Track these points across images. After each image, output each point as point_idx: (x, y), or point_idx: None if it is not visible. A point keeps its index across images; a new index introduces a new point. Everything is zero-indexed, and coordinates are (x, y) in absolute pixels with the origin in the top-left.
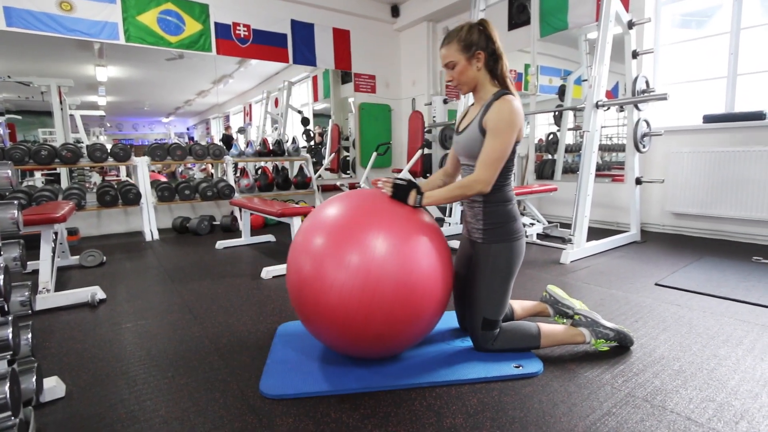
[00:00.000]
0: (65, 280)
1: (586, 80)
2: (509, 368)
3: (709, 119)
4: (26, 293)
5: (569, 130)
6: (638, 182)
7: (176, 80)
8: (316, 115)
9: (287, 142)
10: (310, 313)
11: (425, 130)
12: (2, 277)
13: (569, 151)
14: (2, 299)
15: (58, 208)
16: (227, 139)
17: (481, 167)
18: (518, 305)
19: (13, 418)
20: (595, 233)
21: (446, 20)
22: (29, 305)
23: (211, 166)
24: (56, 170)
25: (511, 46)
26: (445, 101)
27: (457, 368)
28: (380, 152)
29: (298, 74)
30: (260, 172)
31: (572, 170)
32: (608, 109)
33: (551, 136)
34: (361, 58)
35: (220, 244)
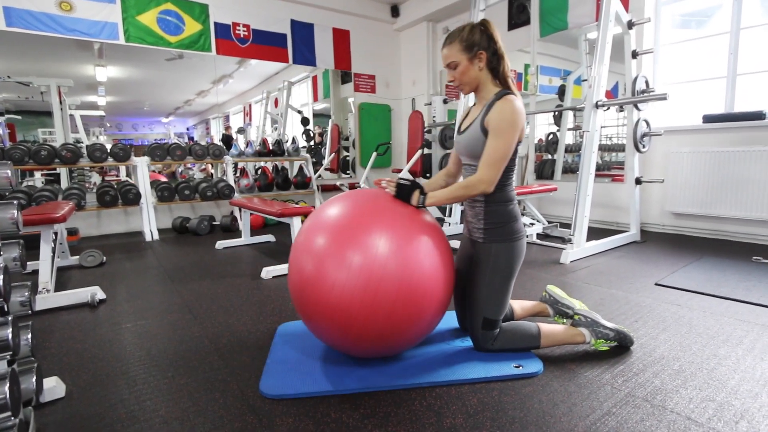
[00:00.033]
0: (65, 280)
1: (585, 80)
2: (509, 368)
3: (708, 119)
4: (26, 293)
5: (569, 130)
6: (638, 182)
7: (176, 80)
8: (315, 115)
9: (287, 142)
10: (312, 312)
11: (425, 130)
12: (2, 277)
13: (569, 151)
14: (2, 299)
15: (57, 208)
16: (227, 139)
17: (484, 167)
18: (518, 305)
19: (13, 418)
20: (595, 233)
21: (446, 20)
22: (29, 305)
23: (210, 166)
24: (56, 170)
25: (510, 46)
26: (444, 101)
27: (457, 368)
28: (380, 152)
29: (297, 74)
30: (260, 172)
31: (572, 170)
32: (608, 109)
33: (551, 136)
34: (360, 58)
35: (219, 244)
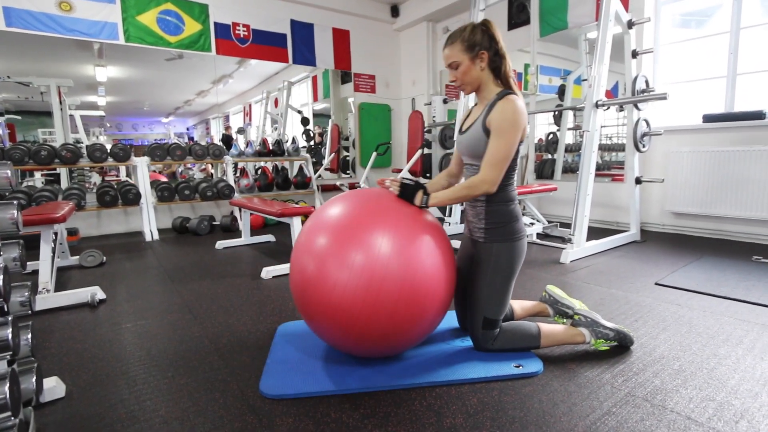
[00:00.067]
0: (65, 280)
1: (585, 80)
2: (509, 368)
3: (708, 119)
4: (26, 293)
5: (569, 129)
6: (638, 182)
7: (176, 80)
8: (315, 115)
9: (287, 142)
10: (313, 312)
11: (425, 129)
12: (2, 277)
13: (569, 150)
14: (2, 299)
15: (57, 208)
16: (227, 139)
17: (486, 167)
18: (518, 305)
19: (13, 418)
20: (594, 233)
21: (446, 20)
22: (29, 305)
23: (210, 166)
24: (56, 170)
25: (510, 45)
26: (444, 101)
27: (457, 368)
28: (380, 152)
29: (297, 74)
30: (260, 172)
31: (572, 170)
32: (608, 108)
33: (551, 135)
34: (360, 58)
35: (219, 244)
